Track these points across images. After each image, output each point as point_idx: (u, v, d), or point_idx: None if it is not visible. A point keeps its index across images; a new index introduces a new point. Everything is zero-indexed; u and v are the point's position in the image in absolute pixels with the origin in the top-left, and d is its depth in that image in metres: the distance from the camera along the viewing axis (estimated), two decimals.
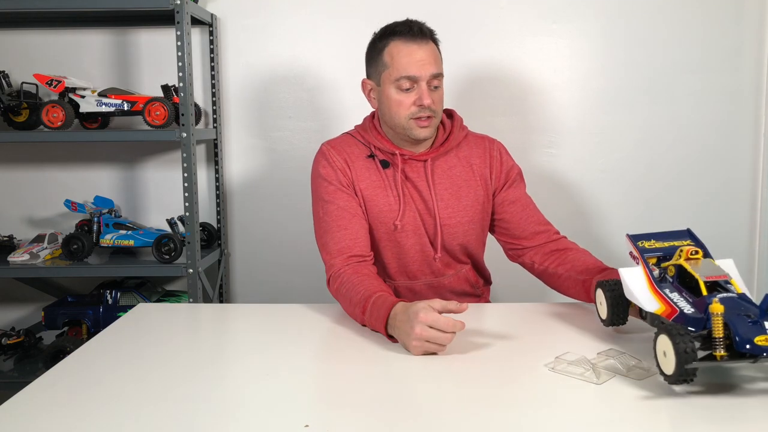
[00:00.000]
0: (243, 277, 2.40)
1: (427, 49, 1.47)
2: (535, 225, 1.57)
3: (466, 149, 1.59)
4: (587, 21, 2.24)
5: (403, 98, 1.47)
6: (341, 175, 1.52)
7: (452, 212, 1.55)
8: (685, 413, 0.92)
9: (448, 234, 1.55)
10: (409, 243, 1.55)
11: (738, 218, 2.31)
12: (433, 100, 1.46)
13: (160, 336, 1.31)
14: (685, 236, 1.18)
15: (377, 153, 1.55)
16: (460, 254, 1.60)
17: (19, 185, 2.36)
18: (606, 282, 1.20)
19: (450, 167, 1.56)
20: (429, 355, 1.15)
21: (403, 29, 1.47)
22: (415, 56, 1.45)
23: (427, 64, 1.46)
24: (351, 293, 1.35)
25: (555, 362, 1.09)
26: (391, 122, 1.52)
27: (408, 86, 1.46)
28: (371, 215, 1.54)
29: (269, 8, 2.26)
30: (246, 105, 2.31)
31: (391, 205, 1.53)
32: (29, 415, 0.94)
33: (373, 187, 1.53)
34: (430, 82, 1.47)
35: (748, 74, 2.25)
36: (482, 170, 1.58)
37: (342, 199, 1.51)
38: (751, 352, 0.89)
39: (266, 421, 0.92)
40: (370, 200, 1.53)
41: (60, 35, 2.29)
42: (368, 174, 1.54)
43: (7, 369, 2.15)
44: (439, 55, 1.51)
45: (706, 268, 1.05)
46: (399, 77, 1.46)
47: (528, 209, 1.58)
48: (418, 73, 1.45)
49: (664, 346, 0.94)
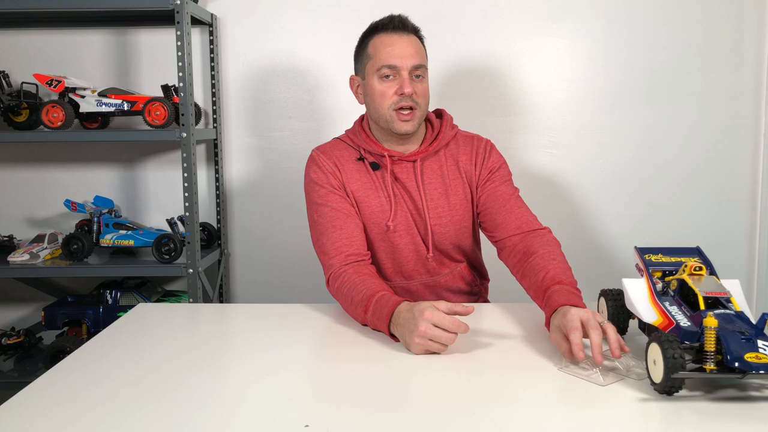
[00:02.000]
0: (243, 277, 2.40)
1: (408, 40, 1.49)
2: (509, 219, 1.53)
3: (455, 148, 1.59)
4: (587, 21, 2.24)
5: (384, 88, 1.49)
6: (332, 178, 1.54)
7: (442, 212, 1.55)
8: (682, 416, 0.92)
9: (438, 233, 1.55)
10: (403, 243, 1.56)
11: (738, 218, 2.31)
12: (415, 91, 1.47)
13: (160, 336, 1.31)
14: (694, 254, 1.18)
15: (367, 156, 1.56)
16: (454, 253, 1.60)
17: (19, 185, 2.36)
18: (609, 291, 1.22)
19: (439, 166, 1.57)
20: (429, 354, 1.16)
21: (386, 22, 1.51)
22: (396, 47, 1.48)
23: (407, 55, 1.47)
24: (353, 292, 1.35)
25: (563, 363, 1.10)
26: (375, 115, 1.52)
27: (389, 74, 1.48)
28: (364, 217, 1.54)
29: (269, 8, 2.26)
30: (246, 105, 2.32)
31: (383, 206, 1.54)
32: (29, 415, 0.94)
33: (364, 189, 1.54)
34: (412, 72, 1.48)
35: (748, 74, 2.25)
36: (467, 168, 1.58)
37: (335, 200, 1.52)
38: (741, 368, 0.90)
39: (266, 421, 0.92)
40: (361, 202, 1.54)
41: (60, 35, 2.29)
42: (359, 176, 1.55)
43: (7, 369, 2.15)
44: (422, 48, 1.53)
45: (707, 284, 1.05)
46: (380, 66, 1.48)
47: (505, 202, 1.54)
48: (398, 62, 1.47)
49: (654, 354, 0.96)
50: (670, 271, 1.15)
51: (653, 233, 2.31)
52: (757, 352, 0.91)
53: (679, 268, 1.12)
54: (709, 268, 1.11)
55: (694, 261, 1.13)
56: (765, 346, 0.92)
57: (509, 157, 1.70)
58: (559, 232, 2.30)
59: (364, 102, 1.57)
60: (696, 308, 1.03)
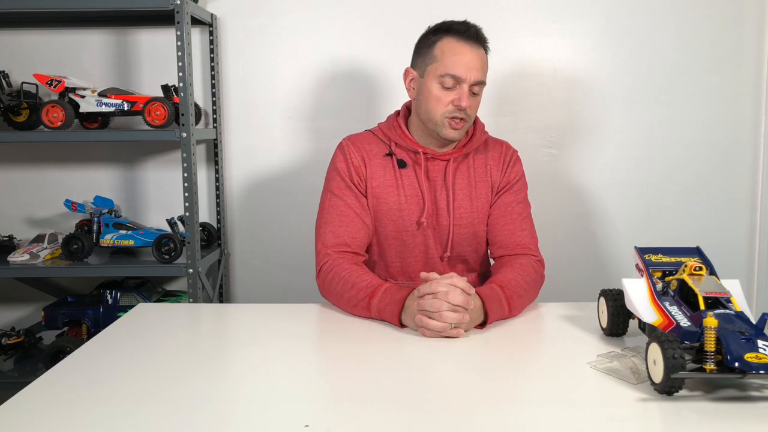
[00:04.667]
0: (243, 277, 2.40)
1: (478, 54, 1.49)
2: (509, 239, 1.55)
3: (484, 153, 1.61)
4: (587, 21, 2.24)
5: (442, 95, 1.48)
6: (354, 173, 1.55)
7: (464, 212, 1.56)
8: (682, 416, 0.92)
9: (459, 234, 1.57)
10: (416, 242, 1.56)
11: (738, 218, 2.31)
12: (470, 104, 1.48)
13: (160, 336, 1.31)
14: (694, 254, 1.18)
15: (397, 151, 1.57)
16: (470, 257, 1.61)
17: (19, 185, 2.36)
18: (609, 291, 1.22)
19: (467, 168, 1.59)
20: (433, 349, 1.16)
21: (460, 28, 1.49)
22: (464, 57, 1.47)
23: (474, 69, 1.47)
24: (355, 280, 1.37)
25: (597, 360, 1.09)
26: (425, 115, 1.52)
27: (450, 85, 1.47)
28: (381, 213, 1.55)
29: (269, 8, 2.26)
30: (246, 105, 2.31)
31: (401, 205, 1.54)
32: (29, 415, 0.94)
33: (386, 185, 1.55)
34: (472, 87, 1.48)
35: (748, 74, 2.25)
36: (495, 173, 1.60)
37: (350, 197, 1.53)
38: (741, 368, 0.90)
39: (266, 421, 0.92)
40: (380, 198, 1.55)
41: (60, 35, 2.29)
42: (383, 172, 1.56)
43: (7, 369, 2.15)
44: (487, 63, 1.52)
45: (707, 284, 1.05)
46: (444, 73, 1.47)
47: (511, 221, 1.56)
48: (463, 74, 1.46)
49: (654, 354, 0.96)
50: (670, 271, 1.15)
51: (653, 233, 2.31)
52: (757, 352, 0.91)
53: (679, 268, 1.12)
54: (709, 268, 1.11)
55: (694, 261, 1.13)
56: (765, 346, 0.92)
57: None
58: (559, 232, 2.31)
59: (415, 98, 1.56)
60: (696, 308, 1.03)
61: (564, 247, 2.32)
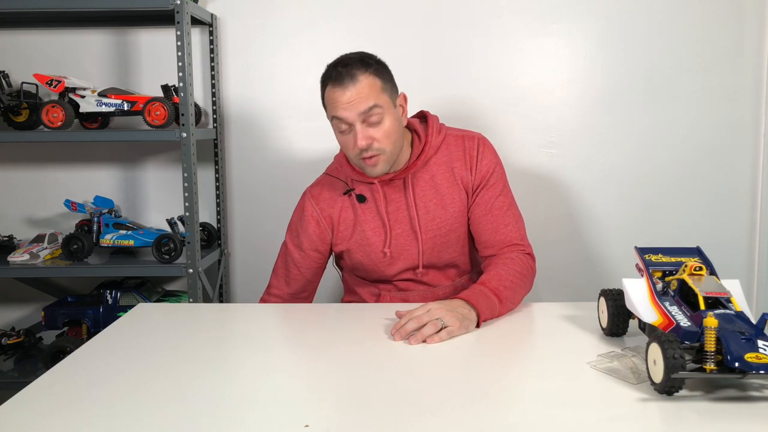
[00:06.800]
0: (243, 277, 2.40)
1: (354, 89, 1.40)
2: (495, 237, 1.52)
3: (446, 154, 1.54)
4: (587, 21, 2.24)
5: (345, 139, 1.46)
6: (314, 234, 1.59)
7: (440, 223, 1.53)
8: (682, 416, 0.92)
9: (438, 245, 1.55)
10: (391, 267, 1.57)
11: (738, 218, 2.31)
12: (374, 137, 1.42)
13: (160, 336, 1.31)
14: (694, 254, 1.18)
15: (355, 185, 1.56)
16: (458, 261, 1.59)
17: (19, 185, 2.36)
18: (609, 291, 1.22)
19: (431, 177, 1.54)
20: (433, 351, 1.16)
21: (332, 74, 1.43)
22: (340, 100, 1.41)
23: (352, 107, 1.40)
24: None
25: (597, 360, 1.09)
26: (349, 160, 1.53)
27: (344, 128, 1.44)
28: (360, 248, 1.56)
29: (269, 8, 2.26)
30: (246, 105, 2.32)
31: (368, 240, 1.55)
32: (29, 415, 0.94)
33: (351, 225, 1.56)
34: (366, 119, 1.41)
35: (748, 74, 2.25)
36: (462, 173, 1.53)
37: (299, 256, 1.62)
38: (741, 368, 0.90)
39: (266, 421, 0.92)
40: (357, 236, 1.56)
41: (60, 35, 2.29)
42: (347, 214, 1.57)
43: (7, 369, 2.15)
44: (375, 84, 1.42)
45: (707, 284, 1.05)
46: (332, 118, 1.45)
47: (493, 219, 1.52)
48: (346, 115, 1.41)
49: (654, 354, 0.96)
50: (670, 271, 1.15)
51: (653, 233, 2.31)
52: (757, 352, 0.91)
53: (679, 268, 1.12)
54: (709, 268, 1.11)
55: (694, 261, 1.13)
56: (765, 346, 0.92)
57: (508, 158, 1.70)
58: (558, 232, 2.31)
59: None
60: (696, 308, 1.03)
61: (564, 247, 2.32)
